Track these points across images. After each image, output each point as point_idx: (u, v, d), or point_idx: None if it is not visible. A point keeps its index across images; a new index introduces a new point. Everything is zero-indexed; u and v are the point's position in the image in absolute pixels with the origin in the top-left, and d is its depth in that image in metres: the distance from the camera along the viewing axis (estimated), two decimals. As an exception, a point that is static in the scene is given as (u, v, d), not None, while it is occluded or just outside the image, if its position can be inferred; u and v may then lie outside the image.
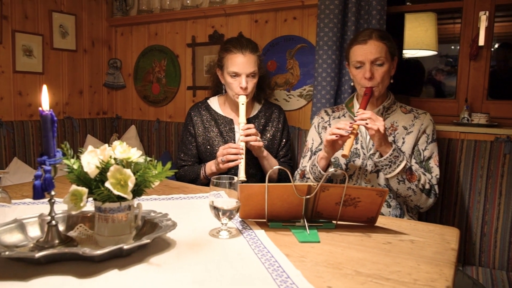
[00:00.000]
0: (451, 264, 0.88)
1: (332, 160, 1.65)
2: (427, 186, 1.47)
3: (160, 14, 2.74)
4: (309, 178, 1.61)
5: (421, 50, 3.59)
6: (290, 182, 1.06)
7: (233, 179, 1.04)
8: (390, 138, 1.58)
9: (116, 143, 0.92)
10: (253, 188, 1.07)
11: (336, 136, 1.44)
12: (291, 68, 2.29)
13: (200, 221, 1.13)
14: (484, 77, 1.95)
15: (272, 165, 1.85)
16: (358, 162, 1.61)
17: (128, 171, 0.86)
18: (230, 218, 1.02)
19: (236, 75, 1.80)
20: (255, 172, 1.85)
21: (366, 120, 1.42)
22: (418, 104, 2.08)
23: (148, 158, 0.94)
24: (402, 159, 1.44)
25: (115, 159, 0.89)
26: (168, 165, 0.91)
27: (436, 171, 1.53)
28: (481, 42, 1.89)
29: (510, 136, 1.72)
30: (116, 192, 0.84)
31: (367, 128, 1.43)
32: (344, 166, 1.64)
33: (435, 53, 3.70)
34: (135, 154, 0.91)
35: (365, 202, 1.09)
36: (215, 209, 1.01)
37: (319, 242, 1.00)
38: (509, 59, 3.97)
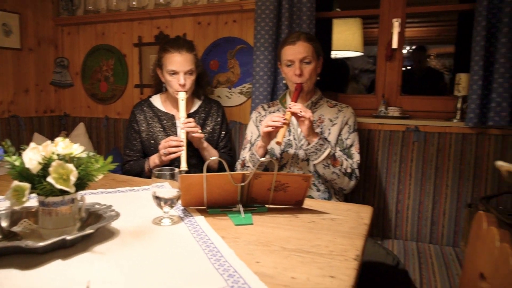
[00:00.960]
0: (362, 237, 0.96)
1: (269, 150, 1.71)
2: (348, 170, 1.57)
3: (107, 15, 2.64)
4: (249, 166, 1.66)
5: (350, 52, 3.77)
6: (229, 171, 1.09)
7: (174, 170, 1.05)
8: (318, 130, 1.67)
9: (59, 139, 0.90)
10: (192, 178, 1.09)
11: (272, 128, 1.50)
12: (232, 67, 2.32)
13: (144, 211, 1.13)
14: (397, 76, 2.10)
15: (212, 155, 1.87)
16: (291, 151, 1.68)
17: (70, 166, 0.85)
18: (171, 207, 1.04)
19: (174, 73, 1.80)
20: (197, 162, 1.86)
21: (299, 109, 1.49)
22: (344, 99, 2.18)
23: (91, 153, 0.93)
24: (327, 147, 1.52)
25: (58, 155, 0.88)
26: (109, 159, 0.91)
27: (356, 157, 1.64)
28: (394, 45, 2.03)
29: (418, 126, 1.88)
30: (58, 186, 0.83)
31: (298, 117, 1.50)
32: (279, 156, 1.70)
33: (361, 54, 3.90)
34: (77, 150, 0.90)
35: (293, 187, 1.15)
36: (157, 198, 1.02)
37: (252, 224, 1.04)
38: (424, 60, 4.26)
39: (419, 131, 1.86)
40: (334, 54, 3.73)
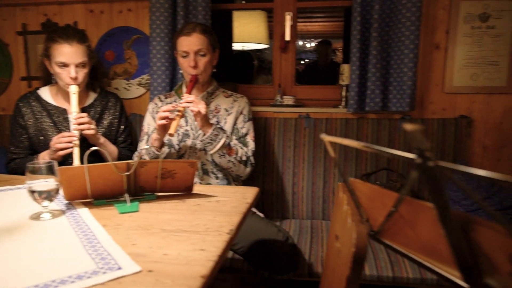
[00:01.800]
0: (240, 214, 1.05)
1: (167, 141, 1.74)
2: (244, 158, 1.68)
3: (-17, -1, 2.41)
4: (145, 159, 1.67)
5: (255, 44, 3.91)
6: (111, 161, 1.11)
7: (51, 163, 1.04)
8: (214, 119, 1.74)
9: None
10: (72, 170, 1.09)
11: (167, 121, 1.53)
12: (129, 58, 2.29)
13: (23, 208, 1.09)
14: (292, 67, 2.26)
15: (111, 151, 1.85)
16: (189, 142, 1.73)
17: None
18: (50, 200, 1.03)
19: (64, 65, 1.72)
20: (95, 159, 1.82)
21: (190, 102, 1.54)
22: (245, 90, 2.29)
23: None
24: (222, 136, 1.61)
25: None
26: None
27: (251, 145, 1.75)
28: (287, 37, 2.19)
29: (309, 113, 2.06)
30: None
31: (191, 110, 1.55)
32: (177, 147, 1.75)
33: (267, 46, 4.08)
34: None
35: (181, 173, 1.21)
36: (32, 192, 1.00)
37: (137, 211, 1.08)
38: (328, 53, 4.58)
39: (310, 117, 2.05)
40: (241, 46, 3.86)
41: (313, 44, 6.86)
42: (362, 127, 2.00)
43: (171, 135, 1.49)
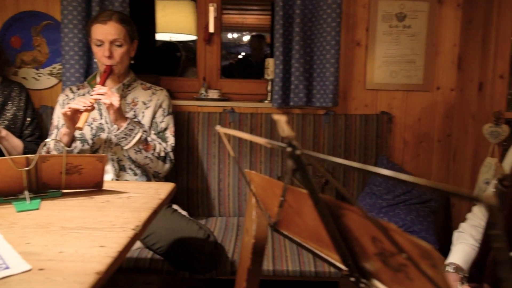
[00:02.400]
0: (150, 210, 1.06)
1: (79, 136, 1.69)
2: (162, 154, 1.68)
3: None
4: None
5: (184, 35, 3.89)
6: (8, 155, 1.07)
7: None
8: (131, 113, 1.73)
9: None
10: (-40, 166, 1.03)
11: (70, 111, 1.49)
12: (38, 46, 2.17)
13: None
14: (217, 59, 2.30)
15: (15, 146, 1.76)
16: (103, 136, 1.70)
17: None
18: None
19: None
20: (-2, 155, 1.73)
21: (102, 94, 1.52)
22: (168, 82, 2.29)
23: None
24: (138, 131, 1.60)
25: None
26: None
27: (171, 140, 1.76)
28: (211, 29, 2.22)
29: (233, 107, 2.11)
30: None
31: (103, 102, 1.53)
32: (91, 141, 1.70)
33: (196, 37, 4.07)
34: None
35: (88, 169, 1.19)
36: None
37: (37, 209, 1.05)
38: (262, 47, 4.67)
39: (235, 112, 2.10)
40: (169, 37, 3.82)
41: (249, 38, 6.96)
42: (287, 122, 2.09)
43: (80, 128, 1.45)
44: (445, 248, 1.27)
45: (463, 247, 1.17)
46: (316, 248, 0.66)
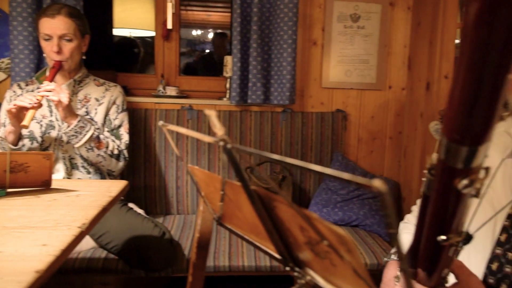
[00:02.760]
0: (99, 207, 1.04)
1: (27, 133, 1.63)
2: (115, 152, 1.65)
3: None
4: None
5: (144, 30, 3.82)
6: None
7: None
8: (83, 110, 1.68)
9: None
10: None
11: (15, 109, 1.43)
12: (-15, 39, 2.07)
13: None
14: (175, 56, 2.28)
15: (-43, 144, 1.67)
16: (54, 133, 1.65)
17: None
18: None
19: None
20: None
21: (50, 91, 1.47)
22: (125, 79, 2.25)
23: None
24: (89, 129, 1.56)
25: None
26: None
27: (125, 137, 1.73)
28: (169, 26, 2.19)
29: (192, 105, 2.10)
30: None
31: (51, 99, 1.48)
32: (40, 139, 1.65)
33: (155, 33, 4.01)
34: None
35: (35, 167, 1.15)
36: None
37: (-23, 209, 1.01)
38: (225, 45, 4.65)
39: (193, 109, 2.09)
40: (129, 32, 3.74)
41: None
42: (246, 120, 2.11)
43: (25, 127, 1.40)
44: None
45: (407, 236, 1.23)
46: (256, 241, 0.67)
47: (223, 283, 2.03)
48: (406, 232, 1.27)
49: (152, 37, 3.90)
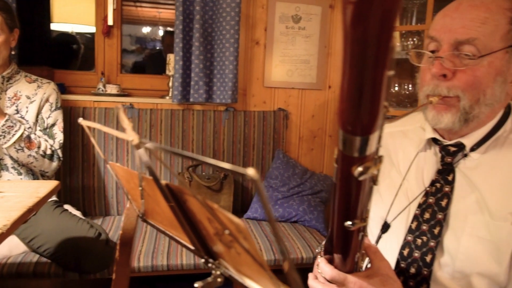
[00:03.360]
0: (23, 209, 1.00)
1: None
2: (48, 152, 1.58)
3: None
4: None
5: (83, 26, 3.68)
6: None
7: None
8: (13, 108, 1.60)
9: None
10: None
11: None
12: None
13: None
14: (117, 53, 2.22)
15: None
16: (-20, 133, 1.55)
17: None
18: None
19: None
20: None
21: None
22: (63, 76, 2.15)
23: None
24: (18, 128, 1.48)
25: None
26: None
27: (59, 136, 1.66)
28: (110, 22, 2.13)
29: (132, 103, 2.05)
30: None
31: None
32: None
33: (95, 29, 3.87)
34: None
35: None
36: None
37: None
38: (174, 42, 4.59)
39: (133, 108, 2.05)
40: (71, 28, 3.58)
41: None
42: (188, 118, 2.10)
43: None
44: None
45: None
46: (175, 235, 0.68)
47: (164, 282, 2.01)
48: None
49: (92, 33, 3.77)
